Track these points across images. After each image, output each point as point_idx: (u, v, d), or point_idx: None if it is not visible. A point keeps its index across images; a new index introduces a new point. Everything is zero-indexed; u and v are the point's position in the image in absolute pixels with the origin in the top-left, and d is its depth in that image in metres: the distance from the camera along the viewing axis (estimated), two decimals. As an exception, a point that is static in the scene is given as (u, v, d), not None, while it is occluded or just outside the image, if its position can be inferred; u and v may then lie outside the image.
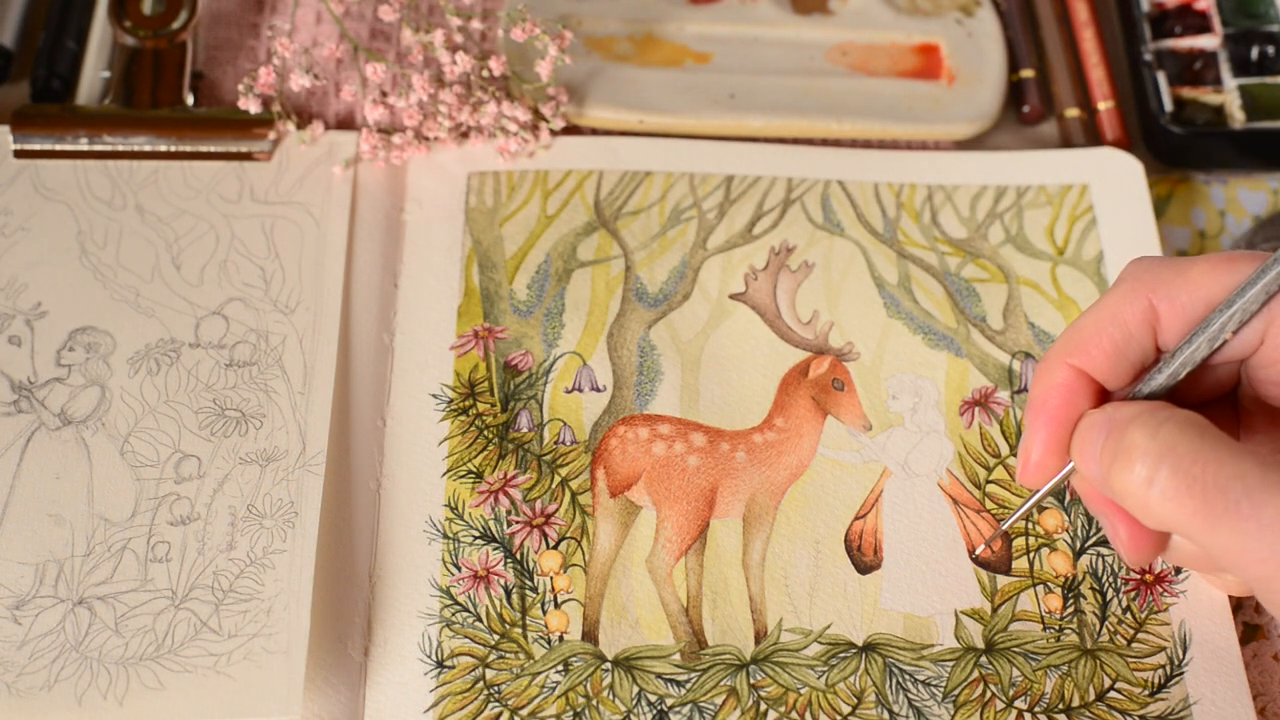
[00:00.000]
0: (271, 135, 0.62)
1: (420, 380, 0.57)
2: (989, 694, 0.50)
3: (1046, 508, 0.54)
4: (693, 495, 0.54)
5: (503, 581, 0.52)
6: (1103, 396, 0.47)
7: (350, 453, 0.55)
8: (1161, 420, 0.42)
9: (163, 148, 0.62)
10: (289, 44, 0.61)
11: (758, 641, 0.51)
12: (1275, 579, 0.39)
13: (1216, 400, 0.48)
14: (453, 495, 0.54)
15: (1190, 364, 0.45)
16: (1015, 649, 0.51)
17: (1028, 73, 0.67)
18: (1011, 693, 0.50)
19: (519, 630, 0.51)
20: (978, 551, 0.53)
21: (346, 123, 0.65)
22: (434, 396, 0.56)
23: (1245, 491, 0.39)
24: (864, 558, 0.53)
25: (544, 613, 0.52)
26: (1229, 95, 0.66)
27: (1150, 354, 0.46)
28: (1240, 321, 0.44)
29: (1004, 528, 0.52)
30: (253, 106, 0.61)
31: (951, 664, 0.51)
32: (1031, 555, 0.53)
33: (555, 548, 0.53)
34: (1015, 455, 0.56)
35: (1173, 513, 0.41)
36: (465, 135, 0.63)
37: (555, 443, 0.55)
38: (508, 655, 0.51)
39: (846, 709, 0.50)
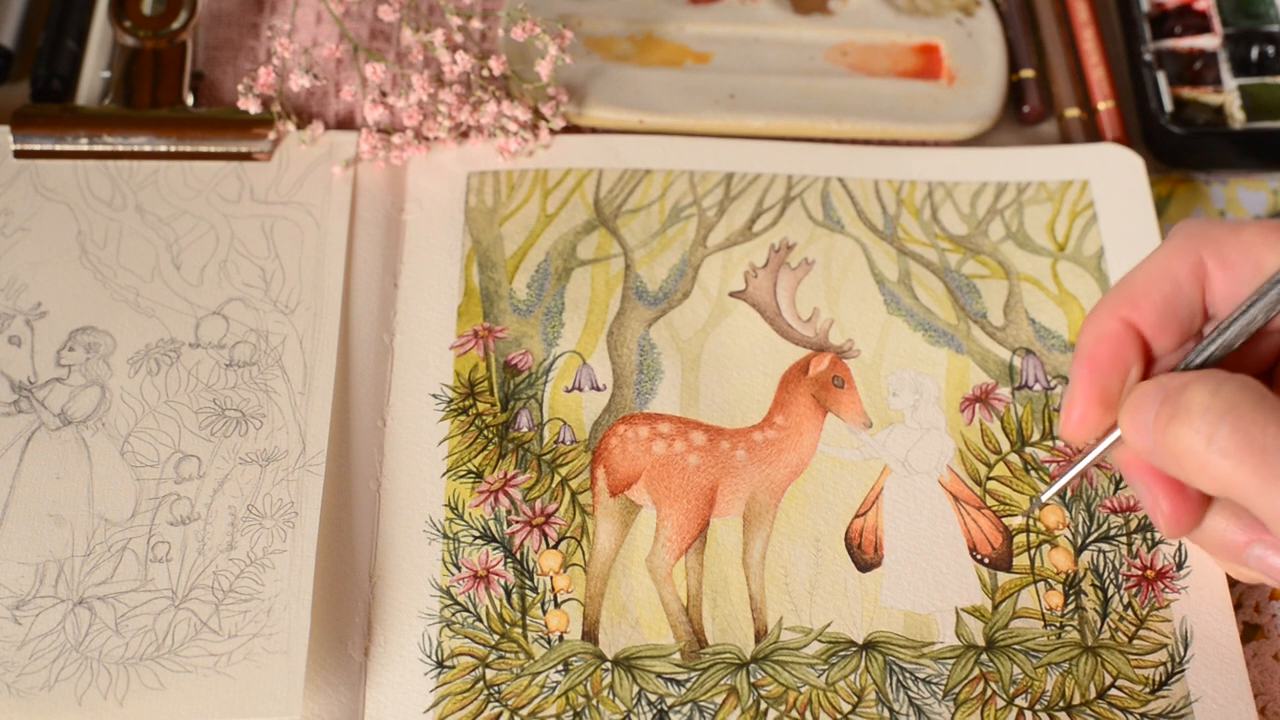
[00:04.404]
0: (271, 135, 0.62)
1: (420, 380, 0.57)
2: (990, 692, 0.50)
3: (1050, 503, 0.54)
4: (693, 494, 0.54)
5: (503, 581, 0.52)
6: (1148, 355, 0.47)
7: (350, 453, 0.55)
8: (1221, 380, 0.42)
9: (163, 148, 0.62)
10: (289, 44, 0.61)
11: (758, 640, 0.51)
12: None
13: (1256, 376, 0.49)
14: (453, 495, 0.54)
15: (1246, 333, 0.45)
16: (1016, 646, 0.51)
17: (1028, 73, 0.67)
18: (1012, 690, 0.50)
19: (519, 630, 0.51)
20: (1045, 496, 0.51)
21: (346, 123, 0.65)
22: (434, 396, 0.56)
23: None
24: (864, 555, 0.53)
25: (544, 612, 0.52)
26: (1229, 95, 0.66)
27: (1198, 311, 0.47)
28: None
29: (1044, 498, 0.51)
30: (253, 106, 0.61)
31: (952, 662, 0.51)
32: (1032, 552, 0.53)
33: (555, 547, 0.53)
34: (1016, 452, 0.56)
35: (1231, 470, 0.41)
36: (465, 135, 0.63)
37: (555, 442, 0.55)
38: (508, 655, 0.51)
39: (847, 707, 0.50)
